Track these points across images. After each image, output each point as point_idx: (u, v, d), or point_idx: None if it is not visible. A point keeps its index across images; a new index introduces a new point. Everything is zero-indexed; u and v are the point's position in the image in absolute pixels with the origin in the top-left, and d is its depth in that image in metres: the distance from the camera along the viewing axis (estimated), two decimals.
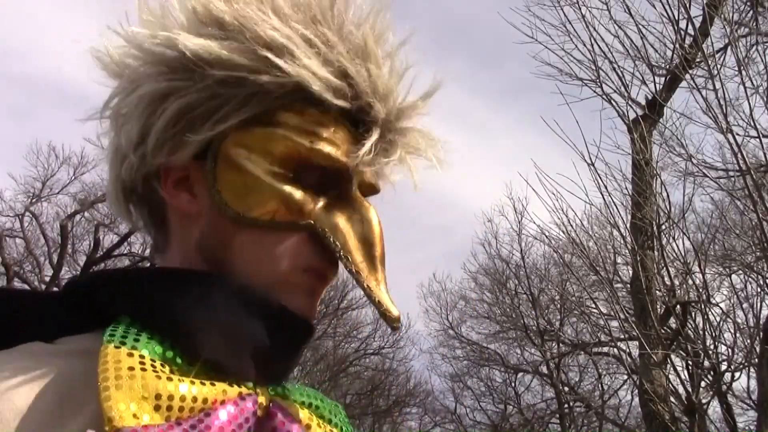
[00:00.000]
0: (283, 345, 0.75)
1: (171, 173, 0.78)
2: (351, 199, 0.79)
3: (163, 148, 0.76)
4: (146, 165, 0.78)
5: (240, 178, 0.75)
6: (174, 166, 0.78)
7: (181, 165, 0.77)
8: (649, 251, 7.16)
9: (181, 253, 0.79)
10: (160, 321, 0.70)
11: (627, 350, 9.24)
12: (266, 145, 0.76)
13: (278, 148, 0.76)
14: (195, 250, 0.77)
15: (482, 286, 17.89)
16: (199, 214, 0.77)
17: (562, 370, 16.78)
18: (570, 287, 13.42)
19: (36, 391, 0.65)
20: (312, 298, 0.78)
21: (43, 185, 14.98)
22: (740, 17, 7.22)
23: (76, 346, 0.70)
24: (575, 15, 7.21)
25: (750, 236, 8.26)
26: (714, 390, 7.47)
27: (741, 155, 5.36)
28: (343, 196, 0.79)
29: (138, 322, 0.69)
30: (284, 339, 0.75)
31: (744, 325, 8.69)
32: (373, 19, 0.81)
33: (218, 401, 0.67)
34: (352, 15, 0.81)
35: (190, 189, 0.78)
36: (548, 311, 16.25)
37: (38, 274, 15.02)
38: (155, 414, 0.63)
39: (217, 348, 0.70)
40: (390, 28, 0.82)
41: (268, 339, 0.73)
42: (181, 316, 0.70)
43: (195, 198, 0.78)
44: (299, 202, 0.76)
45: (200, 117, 0.75)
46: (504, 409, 18.98)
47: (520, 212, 12.52)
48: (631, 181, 7.23)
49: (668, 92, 7.56)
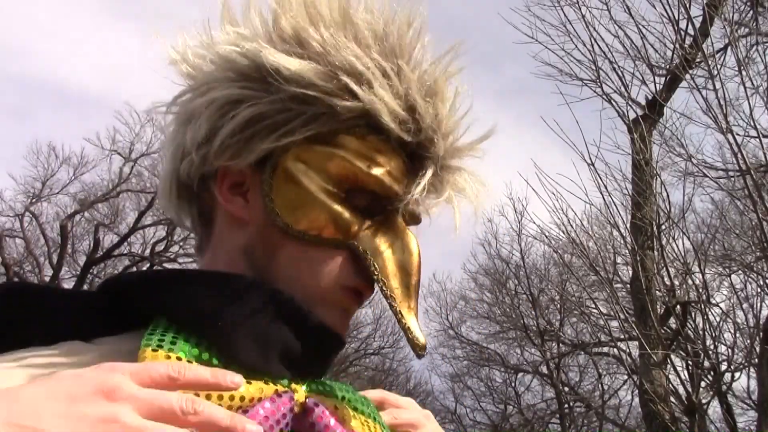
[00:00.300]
0: (314, 354, 0.78)
1: (228, 177, 0.81)
2: (395, 227, 0.82)
3: (227, 151, 0.79)
4: (206, 165, 0.81)
5: (294, 191, 0.79)
6: (232, 171, 0.81)
7: (239, 170, 0.80)
8: (649, 251, 7.16)
9: (226, 256, 0.81)
10: (198, 323, 0.72)
11: (627, 350, 9.25)
12: (324, 164, 0.79)
13: (335, 168, 0.79)
14: (240, 255, 0.80)
15: (482, 286, 17.90)
16: (249, 220, 0.80)
17: (562, 370, 16.78)
18: (570, 287, 13.42)
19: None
20: (345, 316, 0.82)
21: (43, 185, 15.01)
22: (740, 17, 7.22)
23: (118, 347, 0.72)
24: (575, 15, 7.21)
25: (750, 236, 8.26)
26: (714, 390, 7.48)
27: (741, 155, 5.36)
28: (388, 223, 0.82)
29: (174, 324, 0.71)
30: (316, 349, 0.78)
31: (744, 325, 8.70)
32: (448, 60, 0.85)
33: (255, 399, 0.69)
34: (428, 53, 0.85)
35: (244, 195, 0.81)
36: (548, 311, 16.25)
37: (38, 274, 15.02)
38: None
39: (251, 351, 0.72)
40: (460, 71, 0.86)
41: (300, 348, 0.76)
42: (219, 318, 0.72)
43: (248, 204, 0.81)
44: (347, 222, 0.79)
45: (267, 127, 0.79)
46: (504, 409, 18.98)
47: (520, 212, 12.50)
48: (631, 181, 7.23)
49: (668, 92, 7.56)
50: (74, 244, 15.65)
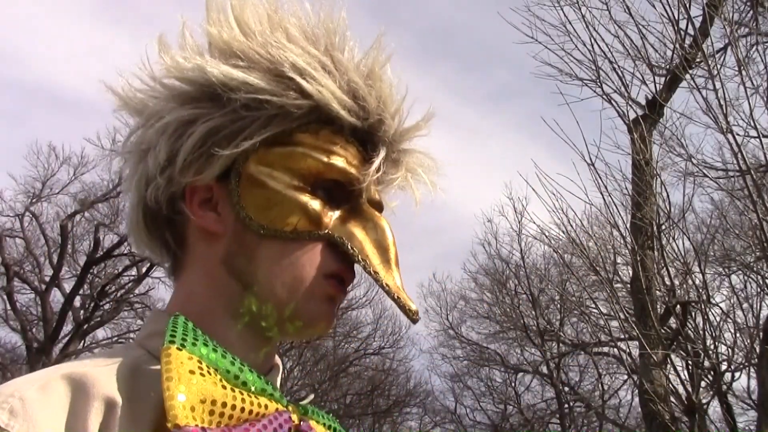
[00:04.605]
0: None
1: (196, 193, 0.85)
2: (363, 211, 0.87)
3: (190, 168, 0.83)
4: (172, 186, 0.85)
5: (263, 194, 0.83)
6: (199, 187, 0.84)
7: (205, 186, 0.84)
8: (649, 251, 7.16)
9: (204, 270, 0.84)
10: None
11: (627, 350, 9.24)
12: (286, 162, 0.83)
13: (298, 165, 0.83)
14: (220, 266, 0.83)
15: (482, 286, 17.91)
16: (223, 231, 0.83)
17: (562, 370, 16.79)
18: (570, 287, 13.41)
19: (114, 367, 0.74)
20: (332, 305, 0.85)
21: (43, 185, 14.99)
22: (740, 17, 7.22)
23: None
24: (575, 15, 7.20)
25: (750, 236, 8.26)
26: (714, 390, 7.47)
27: (741, 155, 5.36)
28: (356, 209, 0.86)
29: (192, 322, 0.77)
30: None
31: (744, 325, 8.69)
32: (377, 48, 0.90)
33: (260, 414, 0.73)
34: (358, 45, 0.91)
35: (215, 208, 0.84)
36: (548, 311, 16.25)
37: (38, 274, 15.02)
38: (209, 417, 0.68)
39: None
40: (391, 57, 0.91)
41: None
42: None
43: (219, 216, 0.84)
44: (318, 213, 0.83)
45: (225, 138, 0.83)
46: (504, 409, 18.99)
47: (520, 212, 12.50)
48: (631, 181, 7.22)
49: (668, 92, 7.56)
50: (74, 244, 15.65)
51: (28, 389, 0.68)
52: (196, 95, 0.84)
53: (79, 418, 0.68)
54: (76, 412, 0.68)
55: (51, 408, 0.68)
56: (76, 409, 0.68)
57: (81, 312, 15.06)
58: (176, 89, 0.85)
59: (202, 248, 0.84)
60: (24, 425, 0.65)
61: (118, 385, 0.71)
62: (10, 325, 15.24)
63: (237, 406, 0.70)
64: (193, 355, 0.70)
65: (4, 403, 0.67)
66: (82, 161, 15.06)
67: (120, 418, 0.69)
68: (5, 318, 15.28)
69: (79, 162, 15.05)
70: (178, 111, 0.83)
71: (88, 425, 0.67)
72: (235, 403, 0.70)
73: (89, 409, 0.68)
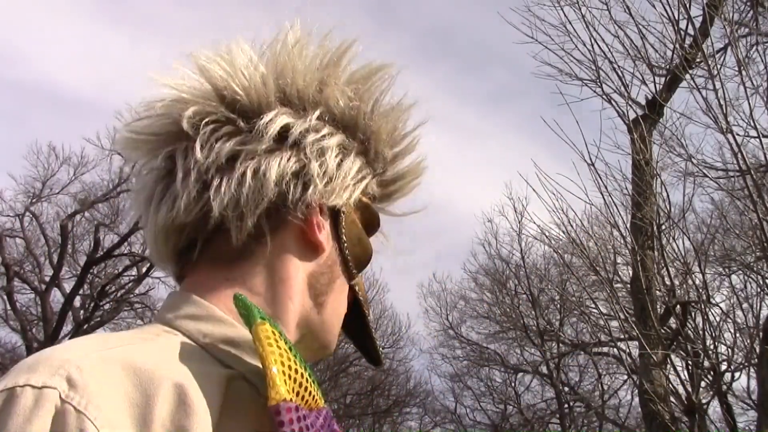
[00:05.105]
0: None
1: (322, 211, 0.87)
2: None
3: (345, 191, 0.87)
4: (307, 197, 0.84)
5: (357, 233, 0.90)
6: (324, 203, 0.86)
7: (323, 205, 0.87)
8: (649, 251, 7.16)
9: (286, 273, 0.84)
10: None
11: (627, 350, 9.24)
12: (365, 212, 0.93)
13: (371, 217, 0.94)
14: (305, 277, 0.85)
15: (482, 286, 17.92)
16: (324, 250, 0.87)
17: (562, 370, 16.80)
18: (570, 287, 13.42)
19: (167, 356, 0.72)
20: None
21: (43, 185, 15.00)
22: (740, 17, 7.22)
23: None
24: (575, 15, 7.20)
25: (750, 236, 8.26)
26: (714, 390, 7.47)
27: (741, 155, 5.37)
28: None
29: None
30: None
31: (744, 325, 8.69)
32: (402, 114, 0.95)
33: (319, 406, 0.76)
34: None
35: (322, 227, 0.87)
36: (548, 311, 16.26)
37: (38, 274, 15.03)
38: (296, 397, 0.69)
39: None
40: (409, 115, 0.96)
41: None
42: None
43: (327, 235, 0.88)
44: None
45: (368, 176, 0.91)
46: (504, 409, 18.99)
47: (520, 212, 12.50)
48: (631, 181, 7.22)
49: (668, 92, 7.56)
50: (74, 244, 15.66)
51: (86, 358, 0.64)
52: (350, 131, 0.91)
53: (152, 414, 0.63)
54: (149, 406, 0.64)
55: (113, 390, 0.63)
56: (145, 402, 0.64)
57: (81, 312, 15.08)
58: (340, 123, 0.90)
59: (295, 253, 0.84)
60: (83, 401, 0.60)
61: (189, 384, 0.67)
62: (10, 325, 15.26)
63: (313, 392, 0.73)
64: (281, 338, 0.71)
65: (60, 368, 0.62)
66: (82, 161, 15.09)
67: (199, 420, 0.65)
68: (5, 318, 15.30)
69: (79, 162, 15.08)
70: (339, 136, 0.88)
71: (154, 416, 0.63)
72: (311, 390, 0.73)
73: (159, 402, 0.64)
